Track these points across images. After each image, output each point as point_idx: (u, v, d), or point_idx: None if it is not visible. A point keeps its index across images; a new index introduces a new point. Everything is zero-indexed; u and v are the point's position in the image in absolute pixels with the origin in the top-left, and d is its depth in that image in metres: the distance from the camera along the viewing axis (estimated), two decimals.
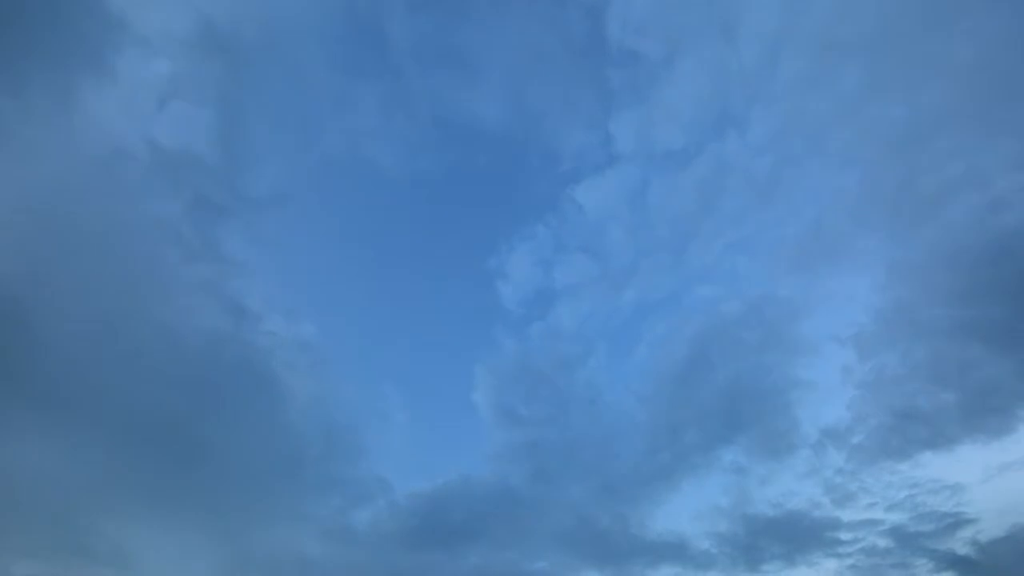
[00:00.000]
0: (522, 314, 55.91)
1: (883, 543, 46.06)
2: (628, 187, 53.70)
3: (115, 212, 35.06)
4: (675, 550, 48.01)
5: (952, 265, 42.62)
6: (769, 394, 50.83)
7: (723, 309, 53.76)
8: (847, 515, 46.54)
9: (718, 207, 52.52)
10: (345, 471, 44.38)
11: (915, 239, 46.06)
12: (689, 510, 50.80)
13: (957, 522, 45.45)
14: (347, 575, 45.60)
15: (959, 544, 45.15)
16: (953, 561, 44.99)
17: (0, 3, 31.77)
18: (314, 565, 44.95)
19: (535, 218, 56.68)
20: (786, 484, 49.08)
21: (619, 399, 55.90)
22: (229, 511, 39.07)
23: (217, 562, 41.75)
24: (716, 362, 52.77)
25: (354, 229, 56.74)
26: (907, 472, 45.95)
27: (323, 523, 44.08)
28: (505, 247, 56.45)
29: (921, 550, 45.71)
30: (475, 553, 46.16)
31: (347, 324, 56.62)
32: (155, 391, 34.39)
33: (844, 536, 46.28)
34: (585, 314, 55.84)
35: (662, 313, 56.89)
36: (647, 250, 54.88)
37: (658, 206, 53.42)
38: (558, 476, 49.72)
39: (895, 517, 45.95)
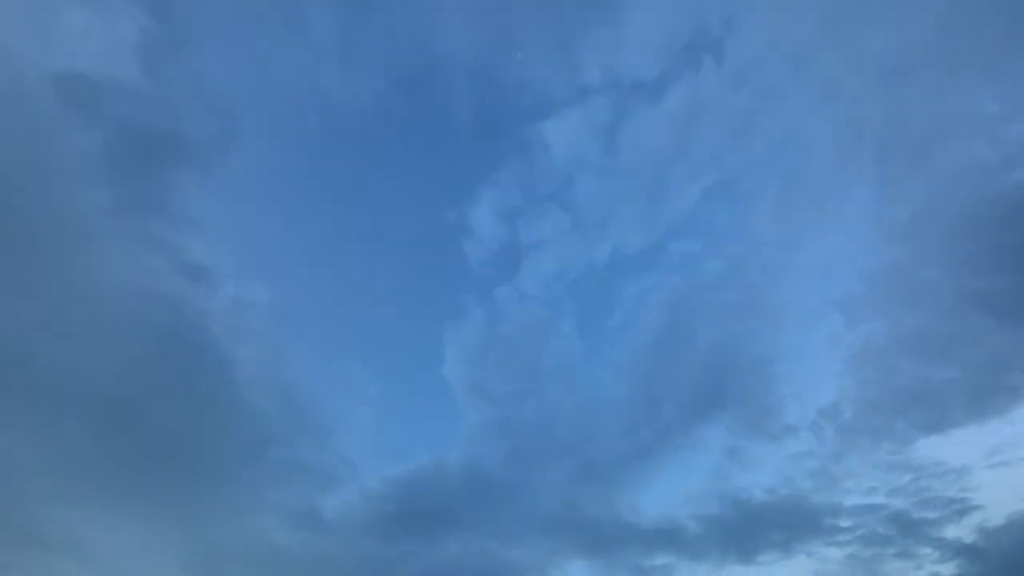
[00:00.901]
0: (488, 276, 51.50)
1: (885, 530, 43.64)
2: (597, 124, 48.48)
3: (23, 152, 31.50)
4: (666, 537, 45.67)
5: (951, 225, 39.72)
6: (754, 366, 48.33)
7: (702, 269, 50.63)
8: (847, 500, 44.14)
9: (693, 148, 47.94)
10: (310, 453, 42.23)
11: (907, 191, 42.89)
12: (676, 495, 48.47)
13: (963, 508, 43.02)
14: (317, 566, 43.48)
15: (965, 531, 42.77)
16: (960, 550, 42.59)
17: None
18: (283, 555, 42.84)
19: (499, 161, 50.74)
20: (779, 467, 46.64)
21: (595, 372, 52.80)
22: (189, 496, 37.02)
23: (179, 550, 39.68)
24: (696, 329, 49.75)
25: (307, 178, 50.65)
26: (909, 455, 43.47)
27: (290, 510, 41.99)
28: (467, 197, 51.41)
29: (926, 539, 43.28)
30: (453, 541, 44.04)
31: (303, 287, 50.98)
32: (94, 364, 32.08)
33: (844, 523, 43.86)
34: (555, 273, 51.58)
35: (637, 271, 52.72)
36: (620, 197, 50.33)
37: (630, 147, 48.35)
38: (535, 458, 47.46)
39: (897, 503, 43.47)
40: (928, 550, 43.08)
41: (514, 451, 47.78)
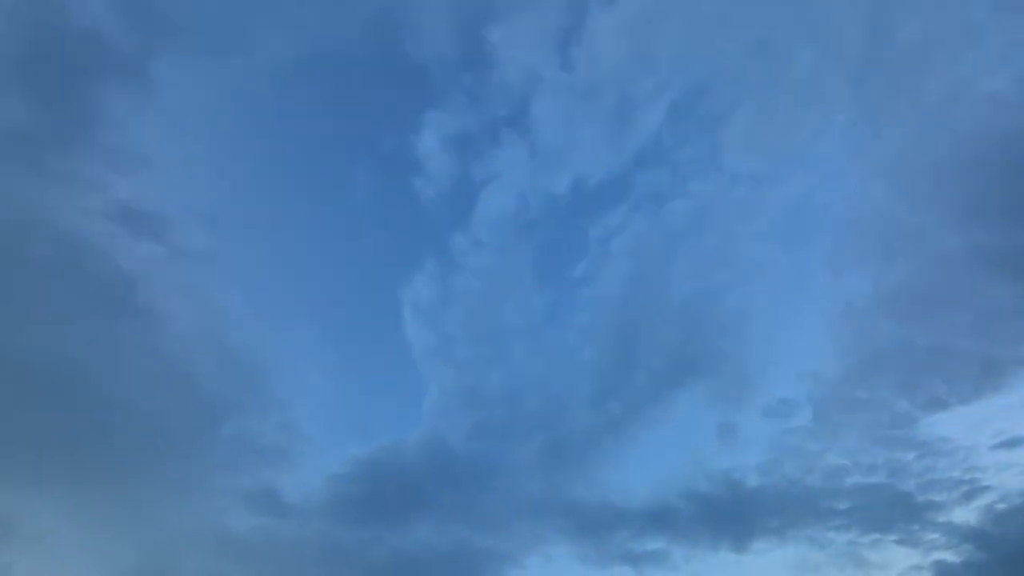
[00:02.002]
0: (441, 219, 47.32)
1: (887, 514, 40.48)
2: (552, 30, 42.90)
3: None
4: (654, 520, 42.56)
5: (945, 165, 35.50)
6: (729, 326, 45.00)
7: (670, 209, 46.37)
8: (847, 481, 40.84)
9: (657, 57, 42.95)
10: (263, 428, 38.94)
11: (892, 120, 38.86)
12: (656, 473, 45.49)
13: (972, 490, 39.87)
14: (278, 553, 40.41)
15: (974, 515, 39.62)
16: (967, 535, 39.46)
17: None
18: (240, 541, 39.78)
19: (447, 79, 44.49)
20: (768, 443, 43.35)
21: (560, 333, 48.87)
22: (130, 476, 33.86)
23: (122, 536, 36.60)
24: (665, 282, 46.10)
25: (243, 113, 43.28)
26: (912, 431, 40.21)
27: (246, 492, 38.92)
28: (412, 123, 45.59)
29: (931, 524, 40.13)
30: (422, 525, 40.96)
31: (244, 235, 45.44)
32: (6, 324, 28.73)
33: (841, 505, 40.67)
34: (512, 212, 47.02)
35: (601, 208, 47.74)
36: (580, 118, 45.05)
37: (588, 59, 43.10)
38: (503, 432, 44.09)
39: (900, 483, 40.28)
40: (934, 535, 40.05)
41: (481, 424, 44.64)
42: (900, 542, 40.81)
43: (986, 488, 39.42)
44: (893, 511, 40.39)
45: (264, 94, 42.74)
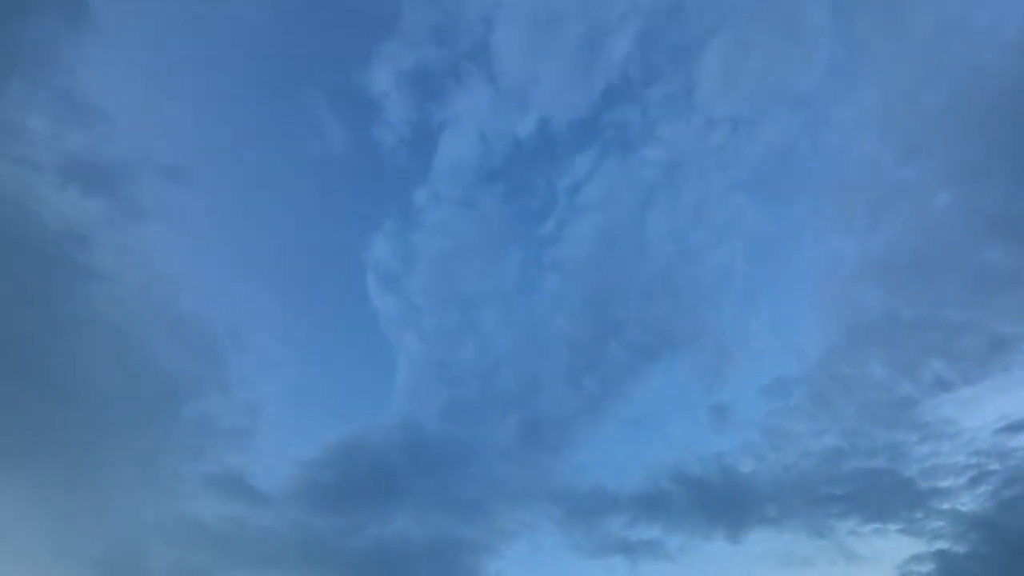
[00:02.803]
0: (401, 168, 43.65)
1: (887, 500, 38.56)
2: None
3: None
4: (646, 507, 40.68)
5: (937, 113, 32.69)
6: (707, 291, 42.48)
7: (642, 158, 42.68)
8: (844, 465, 38.87)
9: None
10: (226, 410, 36.91)
11: (880, 56, 35.63)
12: (641, 457, 43.42)
13: (978, 475, 37.92)
14: (249, 544, 38.52)
15: (979, 502, 37.67)
16: (974, 523, 37.50)
17: None
18: (210, 532, 37.91)
19: (402, 8, 40.45)
20: (761, 424, 41.32)
21: (531, 300, 45.38)
22: (84, 459, 31.98)
23: (82, 527, 34.74)
24: (638, 239, 43.14)
25: (198, 50, 38.92)
26: (915, 412, 38.20)
27: (213, 478, 36.98)
28: (369, 56, 41.30)
29: (935, 512, 38.22)
30: (400, 513, 39.00)
31: (200, 194, 40.26)
32: None
33: (837, 490, 38.71)
34: (475, 159, 43.39)
35: (569, 152, 44.31)
36: (544, 48, 41.10)
37: None
38: (478, 412, 41.84)
39: (902, 468, 38.32)
40: (938, 523, 38.14)
41: (454, 403, 42.36)
42: (902, 531, 39.06)
43: (991, 473, 37.53)
44: (895, 498, 38.55)
45: (218, 33, 39.30)
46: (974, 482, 37.70)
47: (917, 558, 38.09)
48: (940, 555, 37.79)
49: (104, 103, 33.48)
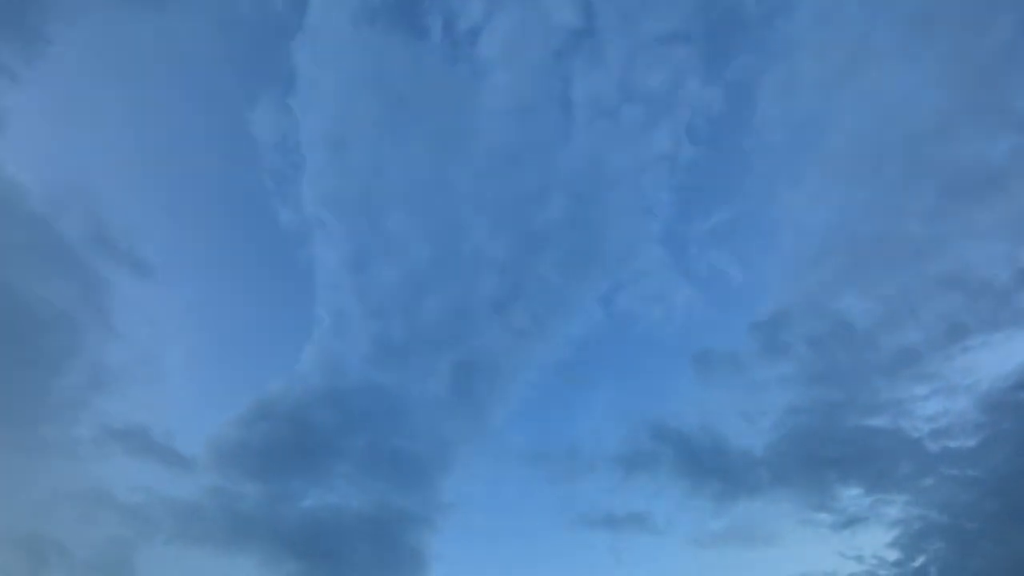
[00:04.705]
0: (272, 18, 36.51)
1: (892, 465, 33.95)
2: None
3: None
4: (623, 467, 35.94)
5: None
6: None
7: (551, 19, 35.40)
8: (845, 421, 34.08)
9: None
10: (112, 355, 31.67)
11: None
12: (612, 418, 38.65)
13: (993, 435, 33.30)
14: (169, 517, 33.62)
15: (992, 464, 33.05)
16: (983, 489, 32.92)
17: None
18: (123, 504, 33.05)
19: None
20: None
21: (443, 197, 38.18)
22: None
23: None
24: (552, 118, 36.59)
25: None
26: (923, 364, 33.34)
27: (121, 440, 31.97)
28: None
29: (944, 478, 33.64)
30: (337, 482, 34.14)
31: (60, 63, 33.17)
32: None
33: (832, 452, 33.95)
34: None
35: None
36: None
37: None
38: (404, 352, 36.52)
39: (909, 427, 33.62)
40: (945, 490, 33.55)
41: (380, 342, 36.92)
42: (909, 503, 34.51)
43: (1009, 432, 32.93)
44: (900, 461, 33.97)
45: None
46: (987, 444, 33.20)
47: (925, 530, 33.61)
48: (947, 529, 33.38)
49: None
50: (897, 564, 34.43)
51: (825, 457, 33.68)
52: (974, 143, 28.44)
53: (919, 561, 34.06)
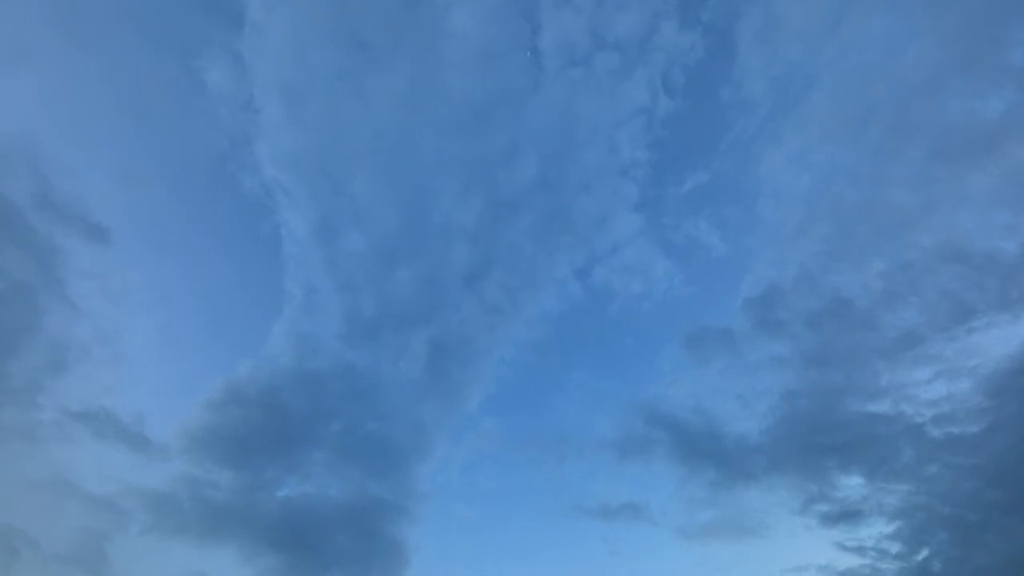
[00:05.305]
0: None
1: (893, 453, 32.56)
2: None
3: None
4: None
5: None
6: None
7: None
8: (845, 407, 32.65)
9: None
10: (73, 334, 30.29)
11: None
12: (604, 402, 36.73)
13: (998, 421, 31.89)
14: (148, 511, 32.21)
15: (998, 453, 31.63)
16: (989, 479, 31.47)
17: None
18: (95, 501, 31.67)
19: None
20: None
21: (415, 160, 36.32)
22: None
23: None
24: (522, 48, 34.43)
25: None
26: (925, 346, 31.99)
27: (88, 424, 30.58)
28: None
29: (948, 466, 32.25)
30: (313, 469, 32.75)
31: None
32: None
33: (831, 439, 32.61)
34: None
35: None
36: None
37: None
38: (384, 326, 34.90)
39: (911, 412, 32.24)
40: (949, 479, 32.14)
41: (353, 317, 35.26)
42: (912, 493, 33.10)
43: (1015, 417, 31.53)
44: (903, 448, 32.57)
45: None
46: (991, 431, 31.80)
47: (928, 520, 32.20)
48: (953, 521, 31.92)
49: None
50: (900, 557, 33.02)
51: (824, 444, 32.32)
52: (965, 100, 27.10)
53: (923, 554, 32.66)
